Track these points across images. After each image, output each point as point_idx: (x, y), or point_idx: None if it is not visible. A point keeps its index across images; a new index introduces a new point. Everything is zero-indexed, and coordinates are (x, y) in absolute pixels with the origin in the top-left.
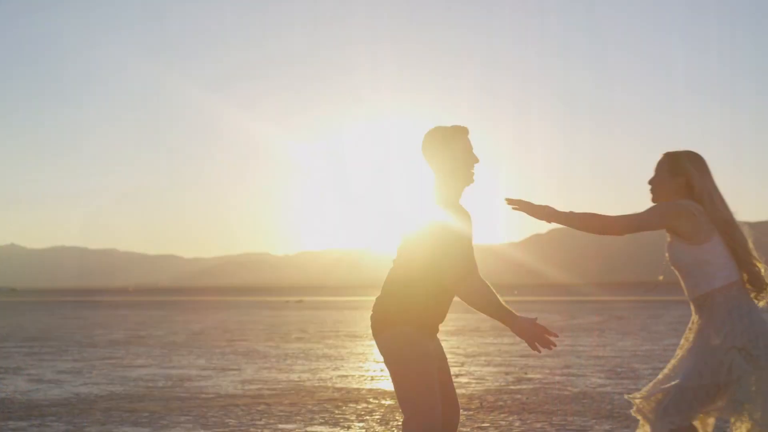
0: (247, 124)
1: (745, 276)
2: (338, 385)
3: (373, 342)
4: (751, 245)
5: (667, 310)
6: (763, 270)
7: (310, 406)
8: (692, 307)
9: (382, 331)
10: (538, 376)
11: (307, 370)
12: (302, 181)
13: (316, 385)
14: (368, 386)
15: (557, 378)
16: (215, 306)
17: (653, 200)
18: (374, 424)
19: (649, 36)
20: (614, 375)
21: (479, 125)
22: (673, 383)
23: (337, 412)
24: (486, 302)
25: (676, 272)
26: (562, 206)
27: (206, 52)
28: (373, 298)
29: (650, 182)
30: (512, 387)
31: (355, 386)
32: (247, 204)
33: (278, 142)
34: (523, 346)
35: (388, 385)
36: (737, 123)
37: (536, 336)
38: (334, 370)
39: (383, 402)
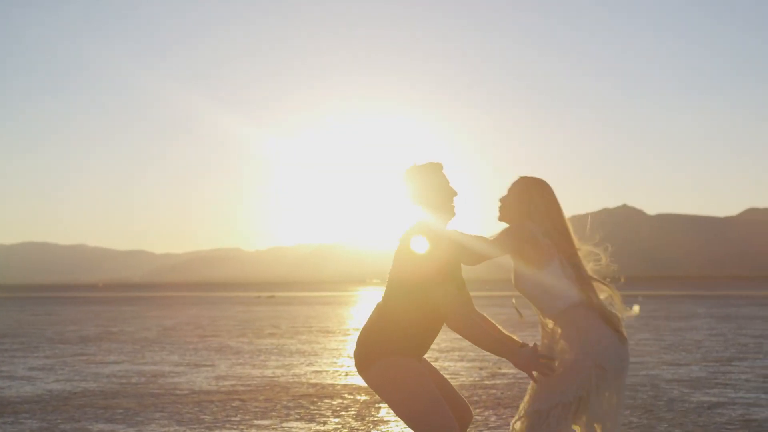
0: (218, 119)
1: (588, 297)
2: (313, 381)
3: (347, 337)
4: (588, 269)
5: (640, 304)
6: (606, 291)
7: (285, 402)
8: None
9: (369, 366)
10: (512, 371)
11: (281, 366)
12: (274, 176)
13: (291, 380)
14: (343, 382)
15: None
16: (186, 301)
17: (499, 219)
18: (350, 419)
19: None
20: None
21: (459, 121)
22: (539, 405)
23: (312, 407)
24: (487, 338)
25: (523, 296)
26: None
27: (176, 46)
28: (345, 294)
29: (501, 200)
30: (486, 382)
31: (330, 382)
32: (218, 199)
33: (249, 137)
34: None
35: (361, 379)
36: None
37: (536, 367)
38: (308, 365)
39: (358, 397)
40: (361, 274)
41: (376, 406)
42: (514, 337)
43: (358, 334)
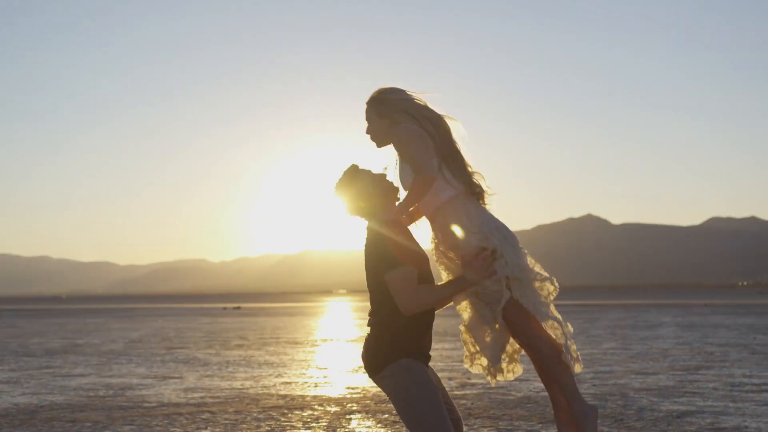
0: (182, 132)
1: (466, 187)
2: (282, 392)
3: (315, 348)
4: (465, 158)
5: (604, 313)
6: (479, 178)
7: (255, 414)
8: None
9: (380, 369)
10: (482, 381)
11: (250, 378)
12: (239, 187)
13: (260, 392)
14: (312, 393)
15: (500, 383)
16: (151, 313)
17: (380, 146)
18: (320, 431)
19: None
20: None
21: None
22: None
23: (283, 419)
24: (439, 298)
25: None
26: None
27: (145, 56)
28: (311, 304)
29: (368, 133)
30: (456, 392)
31: (300, 393)
32: (182, 210)
33: (214, 149)
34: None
35: (332, 391)
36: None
37: (485, 261)
38: (276, 377)
39: (329, 409)
40: (327, 284)
41: (347, 417)
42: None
43: (365, 342)
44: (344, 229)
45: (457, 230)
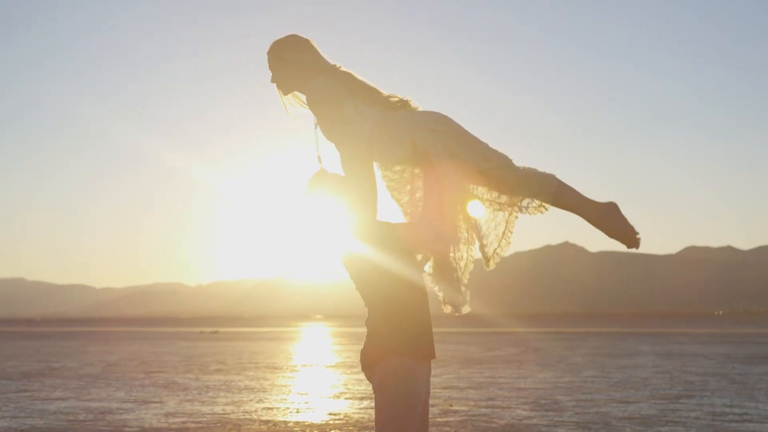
0: (158, 154)
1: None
2: (264, 418)
3: (295, 374)
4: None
5: (583, 341)
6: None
7: None
8: None
9: (376, 363)
10: (464, 408)
11: (231, 403)
12: (215, 210)
13: (242, 417)
14: (294, 419)
15: (483, 410)
16: (128, 337)
17: (287, 92)
18: None
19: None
20: (538, 407)
21: None
22: None
23: None
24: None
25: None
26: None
27: (117, 77)
28: (288, 329)
29: (273, 81)
30: (439, 419)
31: (282, 419)
32: (158, 233)
33: (190, 172)
34: (444, 377)
35: (314, 417)
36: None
37: None
38: (258, 402)
39: None
40: (304, 309)
41: None
42: None
43: (365, 339)
44: (321, 255)
45: None
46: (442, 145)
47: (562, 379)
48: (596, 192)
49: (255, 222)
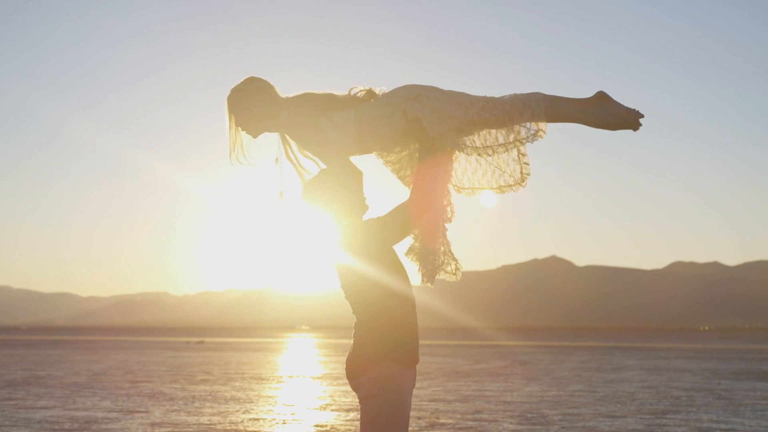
0: (146, 163)
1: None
2: (250, 429)
3: (281, 384)
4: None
5: (569, 355)
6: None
7: None
8: None
9: (364, 371)
10: (450, 421)
11: (217, 413)
12: (202, 220)
13: (228, 428)
14: (280, 430)
15: (470, 423)
16: (114, 346)
17: (256, 135)
18: None
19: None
20: (525, 420)
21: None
22: None
23: None
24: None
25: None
26: None
27: (104, 87)
28: (275, 340)
29: (239, 125)
30: None
31: (268, 429)
32: (145, 242)
33: (178, 182)
34: (431, 390)
35: (300, 428)
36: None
37: None
38: (244, 413)
39: None
40: (291, 320)
41: None
42: None
43: (351, 348)
44: (309, 266)
45: None
46: (429, 107)
47: (548, 392)
48: (585, 206)
49: (242, 232)
